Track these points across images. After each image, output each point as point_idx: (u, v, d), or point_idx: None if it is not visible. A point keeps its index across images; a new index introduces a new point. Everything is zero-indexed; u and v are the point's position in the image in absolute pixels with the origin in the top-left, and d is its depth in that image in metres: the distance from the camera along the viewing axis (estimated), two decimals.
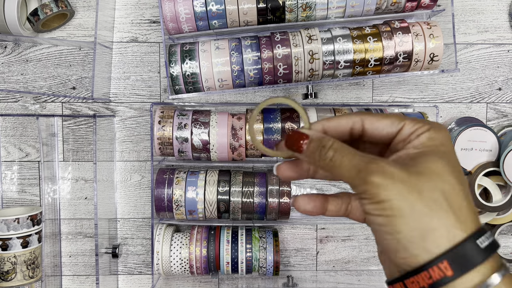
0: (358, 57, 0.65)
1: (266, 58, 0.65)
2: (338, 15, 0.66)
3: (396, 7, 0.67)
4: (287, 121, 0.67)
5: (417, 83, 0.77)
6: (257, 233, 0.70)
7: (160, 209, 0.69)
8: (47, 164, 0.75)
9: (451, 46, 0.67)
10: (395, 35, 0.65)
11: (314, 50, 0.64)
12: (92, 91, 0.67)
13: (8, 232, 0.65)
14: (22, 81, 0.75)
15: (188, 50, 0.66)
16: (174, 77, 0.65)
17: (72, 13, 0.74)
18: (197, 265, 0.69)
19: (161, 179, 0.69)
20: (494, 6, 0.76)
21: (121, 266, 0.78)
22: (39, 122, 0.73)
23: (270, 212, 0.69)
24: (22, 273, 0.67)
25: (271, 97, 0.37)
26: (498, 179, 0.71)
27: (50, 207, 0.76)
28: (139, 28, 0.75)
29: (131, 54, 0.75)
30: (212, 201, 0.68)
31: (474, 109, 0.77)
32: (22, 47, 0.75)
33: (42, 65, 0.75)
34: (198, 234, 0.70)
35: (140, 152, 0.77)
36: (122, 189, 0.77)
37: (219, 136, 0.66)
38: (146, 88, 0.76)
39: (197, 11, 0.64)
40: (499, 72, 0.77)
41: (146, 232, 0.78)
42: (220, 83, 0.66)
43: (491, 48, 0.77)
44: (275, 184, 0.69)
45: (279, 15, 0.65)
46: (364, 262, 0.79)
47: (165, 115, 0.67)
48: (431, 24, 0.66)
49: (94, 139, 0.67)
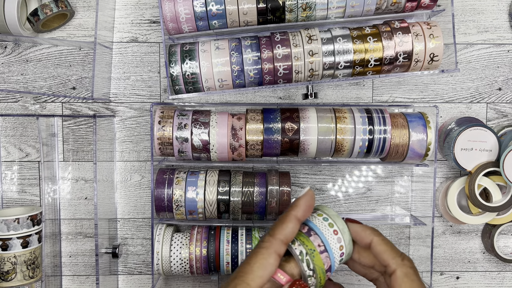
0: (358, 57, 0.65)
1: (266, 58, 0.65)
2: (338, 15, 0.66)
3: (396, 7, 0.67)
4: (287, 121, 0.67)
5: (417, 83, 0.77)
6: (257, 233, 0.70)
7: (160, 209, 0.69)
8: (47, 164, 0.75)
9: (451, 46, 0.67)
10: (395, 35, 0.65)
11: (314, 50, 0.64)
12: (92, 91, 0.67)
13: (8, 232, 0.65)
14: (22, 81, 0.75)
15: (188, 50, 0.66)
16: (174, 77, 0.66)
17: (72, 13, 0.74)
18: (197, 265, 0.69)
19: (161, 179, 0.69)
20: (494, 6, 0.76)
21: (121, 266, 0.78)
22: (39, 122, 0.73)
23: (270, 212, 0.69)
24: (22, 273, 0.67)
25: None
26: (498, 179, 0.71)
27: (50, 207, 0.76)
28: (139, 28, 0.75)
29: (131, 54, 0.76)
30: (212, 201, 0.68)
31: (474, 109, 0.77)
32: (22, 47, 0.75)
33: (42, 65, 0.75)
34: (198, 234, 0.70)
35: (140, 152, 0.77)
36: (122, 189, 0.77)
37: (219, 136, 0.66)
38: (146, 88, 0.76)
39: (197, 11, 0.64)
40: (499, 72, 0.77)
41: (146, 232, 0.78)
42: (220, 83, 0.66)
43: (491, 48, 0.77)
44: (275, 184, 0.69)
45: (279, 15, 0.65)
46: None
47: (165, 115, 0.67)
48: (431, 24, 0.66)
49: (94, 139, 0.67)
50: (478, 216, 0.73)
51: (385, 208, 0.79)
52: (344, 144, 0.67)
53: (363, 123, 0.67)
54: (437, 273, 0.80)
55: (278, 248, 0.39)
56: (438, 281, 0.80)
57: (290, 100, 0.77)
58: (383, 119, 0.67)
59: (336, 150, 0.67)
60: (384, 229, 0.79)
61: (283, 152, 0.68)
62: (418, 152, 0.68)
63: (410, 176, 0.78)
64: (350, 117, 0.67)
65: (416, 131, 0.67)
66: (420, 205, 0.76)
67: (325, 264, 0.40)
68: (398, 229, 0.79)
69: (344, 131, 0.66)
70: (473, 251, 0.80)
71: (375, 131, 0.66)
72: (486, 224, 0.79)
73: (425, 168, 0.72)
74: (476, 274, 0.80)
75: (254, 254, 0.40)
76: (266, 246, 0.39)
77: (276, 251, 0.39)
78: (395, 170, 0.78)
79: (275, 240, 0.39)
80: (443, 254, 0.79)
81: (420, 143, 0.67)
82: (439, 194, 0.76)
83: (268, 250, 0.39)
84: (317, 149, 0.67)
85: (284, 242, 0.40)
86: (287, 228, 0.40)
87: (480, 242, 0.79)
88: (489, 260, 0.80)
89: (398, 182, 0.78)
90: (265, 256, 0.39)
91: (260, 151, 0.68)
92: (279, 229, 0.40)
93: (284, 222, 0.40)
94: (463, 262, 0.80)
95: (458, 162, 0.71)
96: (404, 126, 0.67)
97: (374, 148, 0.67)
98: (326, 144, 0.67)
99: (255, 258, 0.39)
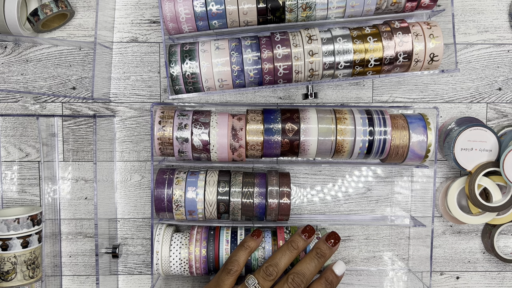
0: (358, 57, 0.65)
1: (266, 58, 0.65)
2: (338, 15, 0.66)
3: (396, 7, 0.67)
4: (287, 122, 0.67)
5: (417, 83, 0.77)
6: None
7: (160, 209, 0.69)
8: (47, 164, 0.75)
9: (451, 46, 0.67)
10: (395, 35, 0.65)
11: (314, 50, 0.64)
12: (92, 91, 0.67)
13: (8, 232, 0.65)
14: (22, 81, 0.75)
15: (188, 50, 0.66)
16: (174, 77, 0.65)
17: (72, 13, 0.74)
18: (197, 265, 0.69)
19: (161, 179, 0.69)
20: (494, 6, 0.76)
21: (121, 266, 0.78)
22: (39, 122, 0.73)
23: (270, 213, 0.69)
24: (22, 273, 0.67)
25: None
26: (498, 179, 0.71)
27: (50, 207, 0.76)
28: (139, 28, 0.75)
29: (131, 54, 0.75)
30: (212, 201, 0.68)
31: (474, 109, 0.77)
32: (22, 47, 0.75)
33: (42, 65, 0.75)
34: (197, 234, 0.70)
35: (140, 152, 0.77)
36: (122, 189, 0.77)
37: (219, 137, 0.66)
38: (146, 88, 0.76)
39: (197, 11, 0.64)
40: (499, 72, 0.77)
41: (146, 232, 0.78)
42: (220, 83, 0.66)
43: (491, 48, 0.77)
44: (275, 185, 0.69)
45: (279, 15, 0.65)
46: (364, 262, 0.79)
47: (165, 115, 0.67)
48: (431, 24, 0.66)
49: (94, 139, 0.67)
50: (478, 216, 0.73)
51: (385, 208, 0.79)
52: (344, 145, 0.67)
53: (363, 124, 0.67)
54: (437, 273, 0.80)
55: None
56: (438, 281, 0.80)
57: (290, 100, 0.77)
58: (383, 120, 0.67)
59: (336, 151, 0.67)
60: (384, 229, 0.79)
61: (283, 152, 0.68)
62: (418, 154, 0.68)
63: (410, 176, 0.78)
64: (351, 118, 0.67)
65: (416, 132, 0.67)
66: (420, 205, 0.76)
67: None
68: (398, 229, 0.79)
69: (344, 132, 0.66)
70: (473, 251, 0.80)
71: (375, 132, 0.66)
72: (486, 224, 0.79)
73: (425, 169, 0.72)
74: (476, 274, 0.80)
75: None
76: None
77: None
78: (395, 170, 0.78)
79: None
80: (443, 254, 0.79)
81: (420, 145, 0.67)
82: (439, 194, 0.76)
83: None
84: (317, 150, 0.67)
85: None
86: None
87: (480, 242, 0.80)
88: (489, 260, 0.80)
89: (398, 183, 0.78)
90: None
91: (260, 151, 0.68)
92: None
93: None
94: (463, 262, 0.80)
95: (458, 162, 0.71)
96: (404, 127, 0.67)
97: (374, 149, 0.67)
98: (326, 145, 0.67)
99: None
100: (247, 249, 0.65)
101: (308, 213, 0.79)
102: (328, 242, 0.65)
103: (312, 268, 0.62)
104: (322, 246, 0.65)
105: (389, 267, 0.79)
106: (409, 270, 0.78)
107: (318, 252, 0.64)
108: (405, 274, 0.78)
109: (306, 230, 0.66)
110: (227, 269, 0.63)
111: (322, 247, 0.64)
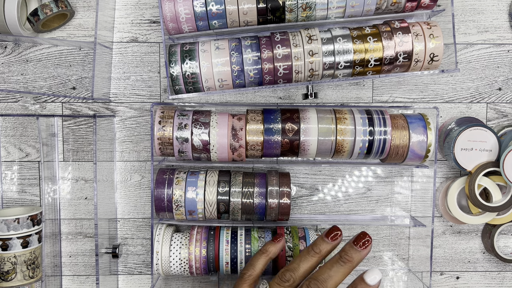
0: (358, 57, 0.65)
1: (266, 58, 0.65)
2: (338, 15, 0.66)
3: (396, 7, 0.67)
4: (287, 122, 0.67)
5: (417, 83, 0.77)
6: (256, 233, 0.70)
7: (160, 209, 0.69)
8: (47, 164, 0.75)
9: (451, 46, 0.67)
10: (395, 35, 0.65)
11: (314, 50, 0.64)
12: (92, 91, 0.67)
13: (8, 232, 0.65)
14: (22, 81, 0.75)
15: (188, 50, 0.66)
16: (174, 77, 0.65)
17: (72, 13, 0.74)
18: (197, 265, 0.69)
19: (161, 179, 0.69)
20: (494, 6, 0.76)
21: (121, 266, 0.78)
22: (39, 122, 0.73)
23: (270, 213, 0.69)
24: (22, 273, 0.67)
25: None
26: (498, 179, 0.71)
27: (50, 207, 0.76)
28: (139, 28, 0.75)
29: (131, 54, 0.75)
30: (212, 201, 0.68)
31: (474, 109, 0.77)
32: (22, 47, 0.75)
33: (42, 65, 0.75)
34: (197, 234, 0.70)
35: (140, 152, 0.77)
36: (122, 189, 0.77)
37: (219, 137, 0.66)
38: (146, 88, 0.76)
39: (197, 11, 0.64)
40: (499, 72, 0.77)
41: (146, 232, 0.78)
42: (220, 83, 0.66)
43: (491, 48, 0.77)
44: (275, 185, 0.69)
45: (279, 15, 0.65)
46: (364, 262, 0.79)
47: (165, 115, 0.67)
48: (431, 24, 0.66)
49: (94, 139, 0.67)
50: (478, 216, 0.73)
51: (385, 208, 0.79)
52: (344, 145, 0.67)
53: (363, 124, 0.67)
54: (437, 273, 0.80)
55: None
56: (438, 281, 0.80)
57: (290, 100, 0.77)
58: (383, 120, 0.67)
59: (336, 151, 0.67)
60: (384, 229, 0.79)
61: (283, 152, 0.68)
62: (418, 154, 0.68)
63: (410, 176, 0.78)
64: (351, 118, 0.67)
65: (416, 132, 0.67)
66: (420, 205, 0.76)
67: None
68: (398, 229, 0.79)
69: (344, 132, 0.66)
70: (473, 251, 0.80)
71: (375, 132, 0.66)
72: (486, 224, 0.79)
73: (425, 169, 0.72)
74: (476, 274, 0.80)
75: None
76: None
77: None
78: (395, 170, 0.78)
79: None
80: (443, 254, 0.79)
81: (420, 145, 0.67)
82: (439, 194, 0.76)
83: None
84: (317, 150, 0.67)
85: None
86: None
87: (480, 242, 0.80)
88: (489, 260, 0.80)
89: (398, 183, 0.78)
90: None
91: (260, 151, 0.68)
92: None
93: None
94: (463, 262, 0.80)
95: (458, 162, 0.71)
96: (404, 127, 0.67)
97: (374, 149, 0.67)
98: (326, 145, 0.67)
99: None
100: (264, 253, 0.60)
101: (308, 213, 0.79)
102: (356, 244, 0.54)
103: (333, 274, 0.53)
104: (349, 249, 0.54)
105: (389, 267, 0.79)
106: (409, 270, 0.78)
107: (343, 256, 0.54)
108: (405, 274, 0.78)
109: (330, 232, 0.57)
110: (241, 274, 0.59)
111: (348, 251, 0.54)
